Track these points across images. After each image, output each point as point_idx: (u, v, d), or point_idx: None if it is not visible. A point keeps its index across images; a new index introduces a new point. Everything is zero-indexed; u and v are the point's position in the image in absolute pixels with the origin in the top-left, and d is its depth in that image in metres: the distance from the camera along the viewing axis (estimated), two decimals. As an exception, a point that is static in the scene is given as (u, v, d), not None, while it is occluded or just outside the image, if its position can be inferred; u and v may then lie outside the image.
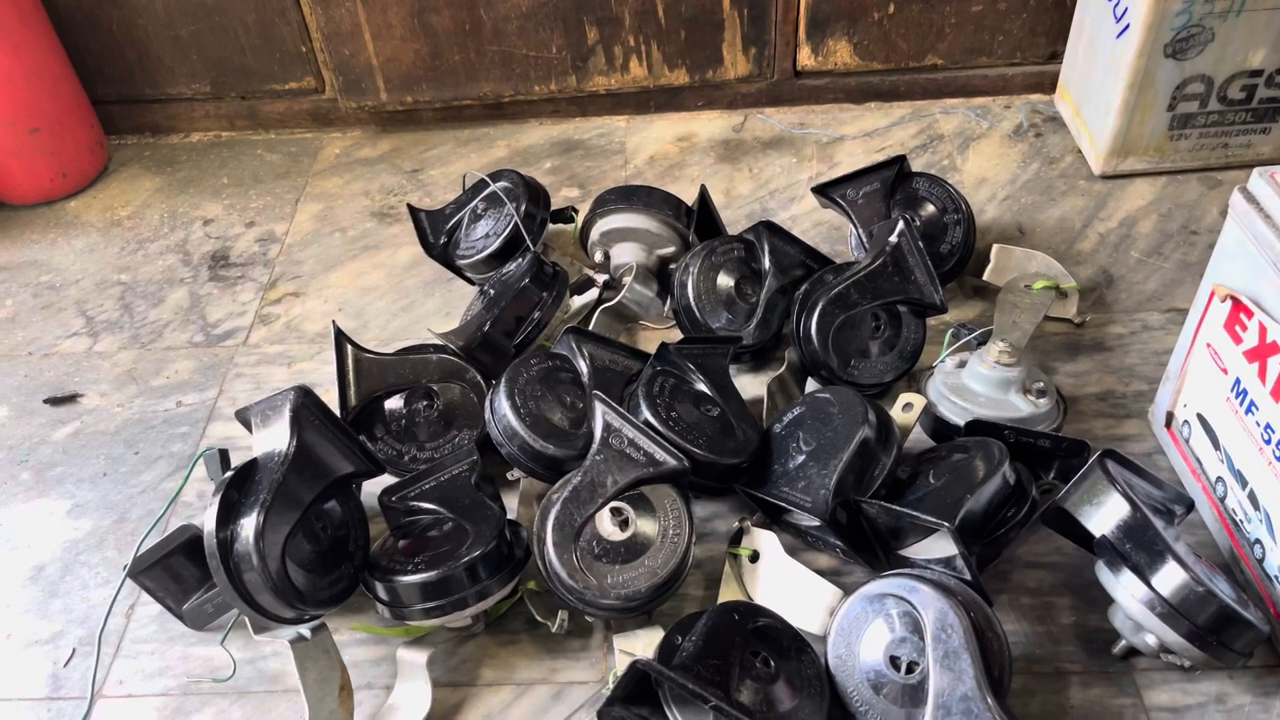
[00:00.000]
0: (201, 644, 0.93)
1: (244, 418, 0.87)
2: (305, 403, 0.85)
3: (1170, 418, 1.00)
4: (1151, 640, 0.82)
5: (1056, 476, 0.96)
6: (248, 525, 0.79)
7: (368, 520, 0.92)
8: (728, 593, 0.91)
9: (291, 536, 0.81)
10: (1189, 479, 0.97)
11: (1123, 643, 0.86)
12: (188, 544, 0.90)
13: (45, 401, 1.17)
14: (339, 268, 1.33)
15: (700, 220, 1.17)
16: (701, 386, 0.99)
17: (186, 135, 1.60)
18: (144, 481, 1.07)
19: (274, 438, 0.83)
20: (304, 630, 0.84)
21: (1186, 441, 0.97)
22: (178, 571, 0.92)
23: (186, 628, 0.93)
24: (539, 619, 0.88)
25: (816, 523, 0.90)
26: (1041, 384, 0.99)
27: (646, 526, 0.88)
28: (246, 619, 0.83)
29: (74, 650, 0.93)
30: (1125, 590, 0.82)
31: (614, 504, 0.87)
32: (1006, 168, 1.38)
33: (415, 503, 0.92)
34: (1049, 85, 1.48)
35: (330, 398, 1.13)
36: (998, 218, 1.30)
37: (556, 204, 1.24)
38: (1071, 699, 0.84)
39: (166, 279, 1.34)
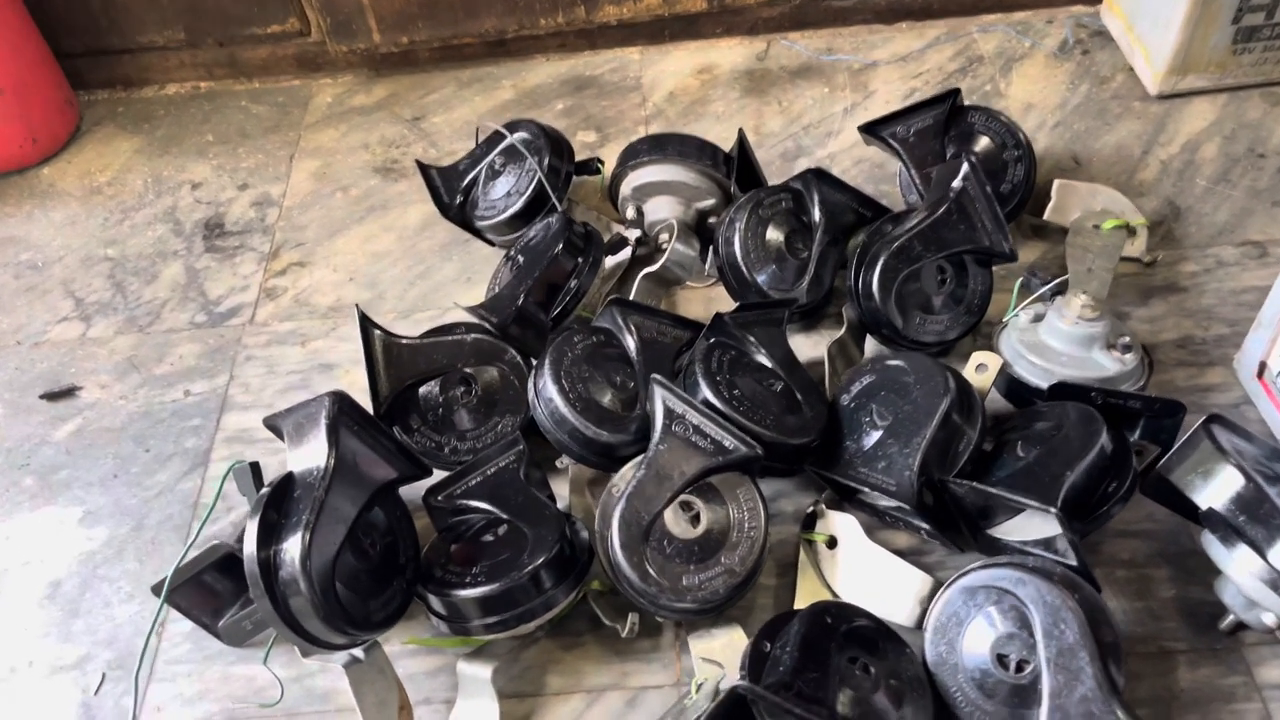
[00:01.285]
0: (242, 663, 0.86)
1: (274, 426, 0.79)
2: (341, 409, 0.77)
3: (1263, 367, 0.93)
4: (1269, 618, 0.77)
5: (1143, 436, 0.89)
6: (292, 548, 0.71)
7: (414, 525, 0.85)
8: (806, 584, 0.85)
9: (339, 556, 0.74)
10: (1284, 432, 0.91)
11: (1230, 618, 0.80)
12: (221, 561, 0.83)
13: (42, 397, 1.08)
14: (345, 232, 1.23)
15: (739, 167, 1.08)
16: (762, 358, 0.91)
17: (162, 87, 1.48)
18: (159, 482, 1.00)
19: (311, 452, 0.75)
20: (357, 652, 0.77)
21: (1283, 393, 0.91)
22: (211, 587, 0.85)
23: (224, 645, 0.86)
24: (607, 622, 0.82)
25: (897, 504, 0.83)
26: (1127, 339, 0.92)
27: (718, 520, 0.81)
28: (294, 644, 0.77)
29: (104, 675, 0.87)
30: (1240, 565, 0.76)
31: (683, 498, 0.81)
32: (1055, 91, 1.29)
33: (464, 501, 0.85)
34: (1094, -4, 1.37)
35: (350, 380, 1.06)
36: (1050, 147, 1.21)
37: (574, 150, 1.14)
38: (1180, 681, 0.79)
39: (158, 252, 1.24)
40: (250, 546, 0.72)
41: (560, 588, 0.79)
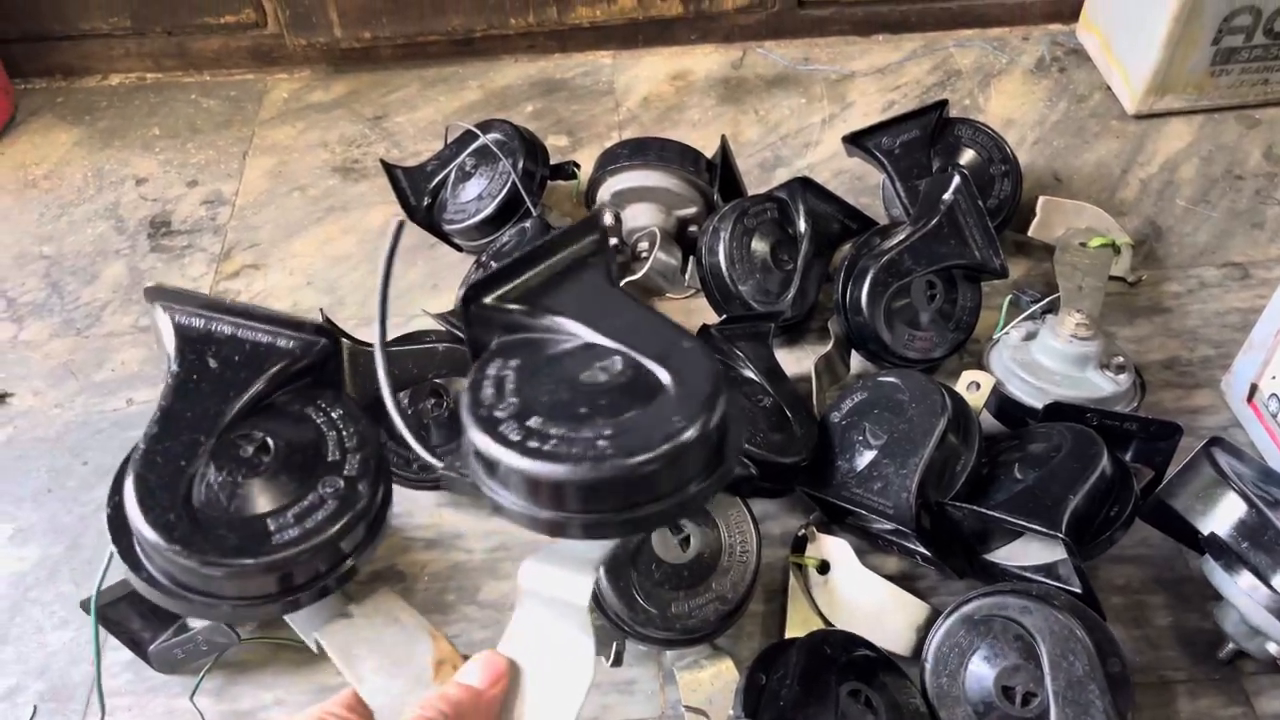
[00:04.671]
0: (187, 693, 0.79)
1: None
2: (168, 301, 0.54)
3: (1254, 390, 0.92)
4: (1273, 647, 0.75)
5: (1136, 458, 0.87)
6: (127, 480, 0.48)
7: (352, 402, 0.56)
8: (797, 611, 0.81)
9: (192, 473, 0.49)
10: (1274, 456, 0.90)
11: (1230, 646, 0.78)
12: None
13: (-32, 404, 1.00)
14: (302, 233, 1.16)
15: (720, 176, 1.04)
16: (749, 373, 0.88)
17: (104, 77, 1.40)
18: (97, 498, 0.92)
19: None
20: (350, 608, 0.53)
21: (1275, 417, 0.89)
22: (146, 607, 0.78)
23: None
24: (590, 653, 0.77)
25: (892, 527, 0.80)
26: (1121, 358, 0.90)
27: (709, 543, 0.77)
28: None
29: (35, 708, 0.79)
30: (1243, 593, 0.74)
31: (671, 520, 0.76)
32: (1033, 107, 1.27)
33: (539, 315, 0.50)
34: (1069, 14, 1.37)
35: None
36: (1030, 163, 1.19)
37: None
38: (1181, 712, 0.77)
39: (98, 250, 1.16)
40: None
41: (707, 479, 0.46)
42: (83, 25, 1.35)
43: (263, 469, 0.49)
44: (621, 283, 0.97)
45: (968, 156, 1.06)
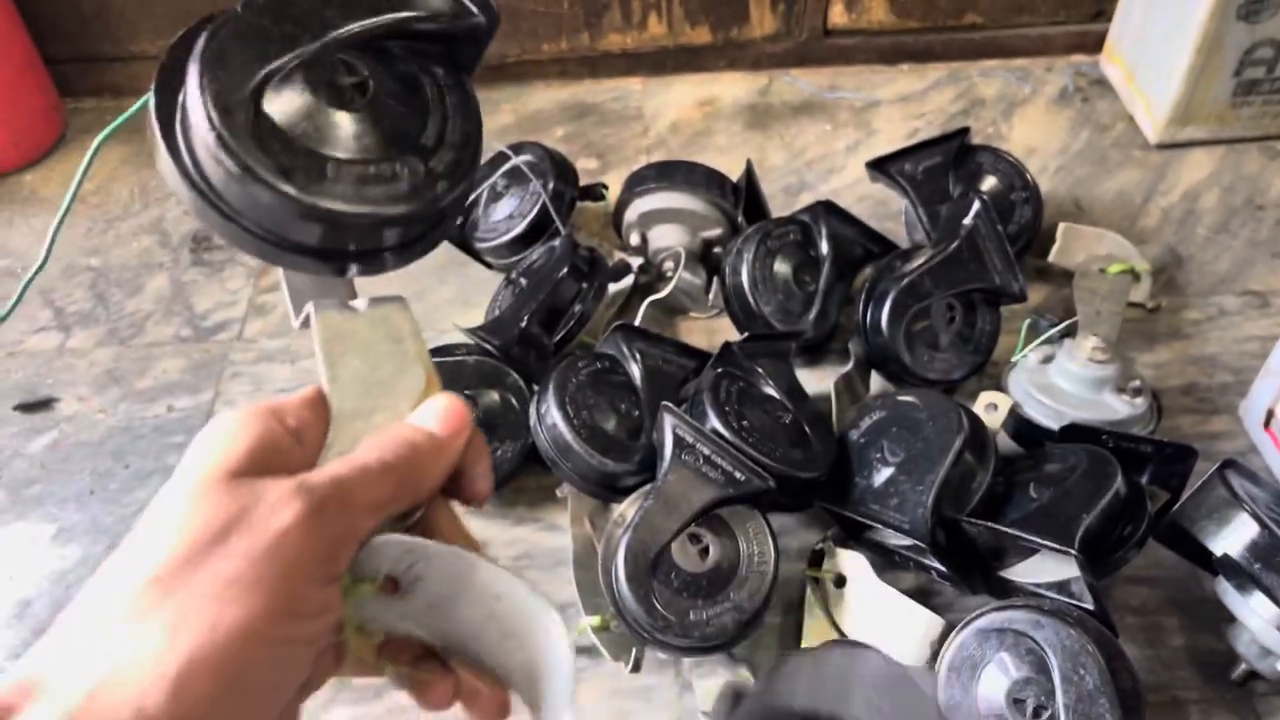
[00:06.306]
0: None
1: None
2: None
3: (1271, 416, 0.93)
4: (1285, 668, 0.76)
5: (1152, 481, 0.88)
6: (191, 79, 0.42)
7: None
8: (813, 623, 0.83)
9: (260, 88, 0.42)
10: (1292, 482, 0.91)
11: (1243, 667, 0.79)
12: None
13: (15, 408, 1.04)
14: (338, 250, 1.20)
15: (745, 198, 1.07)
16: (770, 390, 0.90)
17: (152, 98, 1.44)
18: (138, 499, 0.95)
19: None
20: (358, 303, 0.47)
21: (1291, 442, 0.90)
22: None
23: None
24: (611, 659, 0.79)
25: (909, 542, 0.82)
26: (1137, 382, 0.91)
27: (728, 553, 0.79)
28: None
29: (72, 702, 0.82)
30: (1255, 614, 0.75)
31: (691, 530, 0.78)
32: (1055, 136, 1.29)
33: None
34: (1093, 46, 1.39)
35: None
36: (1052, 191, 1.21)
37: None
38: (1193, 732, 0.78)
39: (143, 264, 1.20)
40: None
41: None
42: (131, 47, 1.40)
43: (350, 107, 0.43)
44: (646, 301, 1.00)
45: (989, 183, 1.08)
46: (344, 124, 0.43)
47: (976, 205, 0.97)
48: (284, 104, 0.42)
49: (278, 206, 0.42)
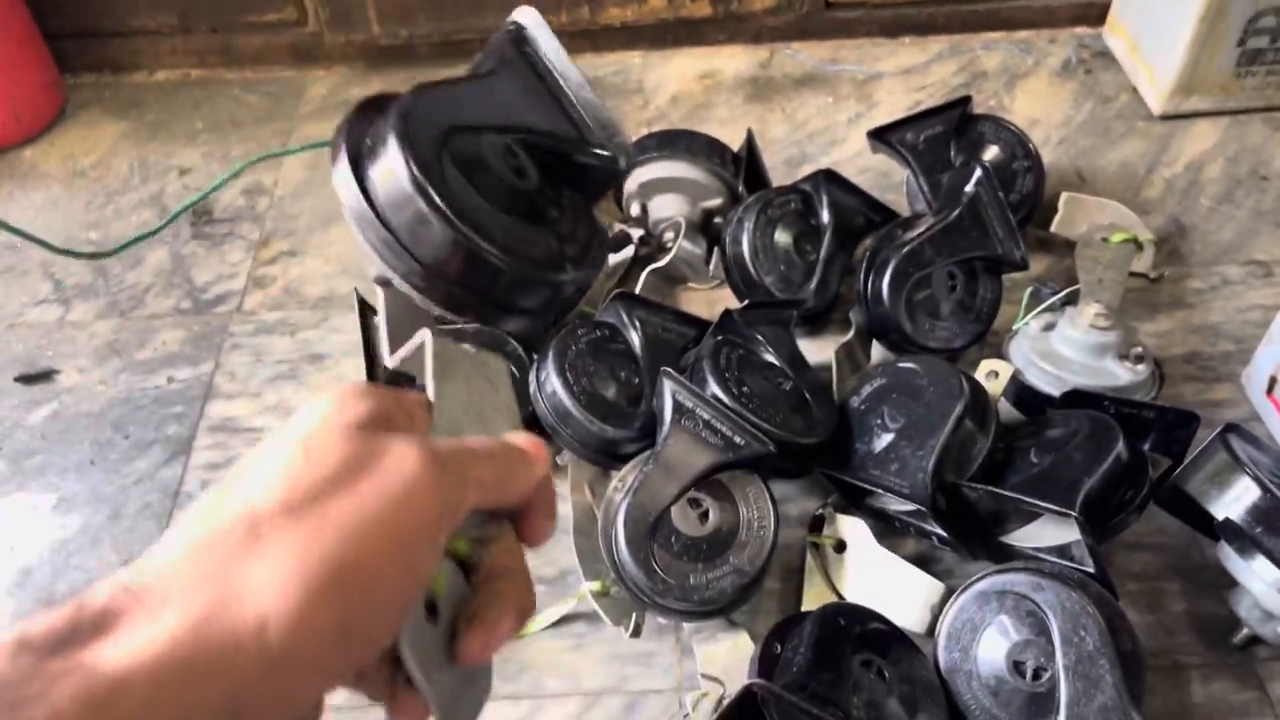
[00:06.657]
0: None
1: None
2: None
3: (1273, 383, 0.92)
4: (1286, 631, 0.76)
5: (1154, 448, 0.88)
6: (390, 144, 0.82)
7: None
8: (813, 588, 0.82)
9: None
10: (1293, 448, 0.90)
11: (1244, 632, 0.79)
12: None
13: (16, 379, 1.04)
14: (338, 222, 1.19)
15: (746, 168, 1.06)
16: (770, 357, 0.89)
17: (151, 73, 1.44)
18: (138, 470, 0.96)
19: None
20: (467, 346, 0.50)
21: (1294, 409, 0.90)
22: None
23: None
24: (611, 624, 0.79)
25: (909, 508, 0.81)
26: (1139, 349, 0.91)
27: (727, 518, 0.79)
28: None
29: (74, 668, 0.82)
30: (1257, 578, 0.75)
31: (691, 495, 0.78)
32: (1059, 108, 1.29)
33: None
34: (1095, 17, 1.38)
35: (341, 371, 1.03)
36: (1055, 162, 1.20)
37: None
38: (1194, 696, 0.78)
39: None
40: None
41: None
42: (131, 23, 1.39)
43: (516, 183, 0.71)
44: (646, 271, 1.00)
45: (991, 152, 1.08)
46: (501, 189, 0.74)
47: (978, 173, 0.96)
48: (464, 159, 0.74)
49: (433, 238, 0.74)
